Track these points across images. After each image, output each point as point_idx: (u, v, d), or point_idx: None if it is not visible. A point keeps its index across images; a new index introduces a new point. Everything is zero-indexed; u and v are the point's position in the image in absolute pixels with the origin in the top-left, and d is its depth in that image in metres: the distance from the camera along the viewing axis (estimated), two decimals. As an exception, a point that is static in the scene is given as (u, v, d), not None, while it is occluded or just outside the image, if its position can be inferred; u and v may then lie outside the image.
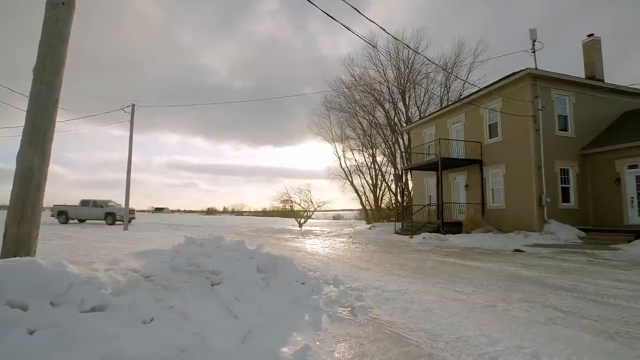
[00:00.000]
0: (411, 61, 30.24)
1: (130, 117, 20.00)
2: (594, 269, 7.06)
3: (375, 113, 33.56)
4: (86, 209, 24.25)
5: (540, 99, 14.40)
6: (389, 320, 3.60)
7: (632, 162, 13.44)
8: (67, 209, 24.37)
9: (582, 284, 5.49)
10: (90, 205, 24.30)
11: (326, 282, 5.00)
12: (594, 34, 17.16)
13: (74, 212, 24.32)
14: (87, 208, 24.26)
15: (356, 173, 36.01)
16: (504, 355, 2.70)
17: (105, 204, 24.54)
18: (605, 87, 15.84)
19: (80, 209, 24.32)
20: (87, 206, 24.34)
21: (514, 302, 4.35)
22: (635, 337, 3.14)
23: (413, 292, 4.84)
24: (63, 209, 24.32)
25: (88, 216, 24.39)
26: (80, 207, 24.35)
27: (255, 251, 4.82)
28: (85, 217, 24.50)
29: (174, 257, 4.24)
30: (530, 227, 13.92)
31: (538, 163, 14.14)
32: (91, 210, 24.18)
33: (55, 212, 24.48)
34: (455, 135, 18.99)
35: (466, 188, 17.98)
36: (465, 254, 9.74)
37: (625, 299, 4.53)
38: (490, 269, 7.07)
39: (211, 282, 3.87)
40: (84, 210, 24.26)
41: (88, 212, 24.21)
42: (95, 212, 24.13)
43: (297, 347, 2.76)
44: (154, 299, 3.06)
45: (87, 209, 24.24)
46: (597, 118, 15.49)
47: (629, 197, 13.52)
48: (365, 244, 13.02)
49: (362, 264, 7.84)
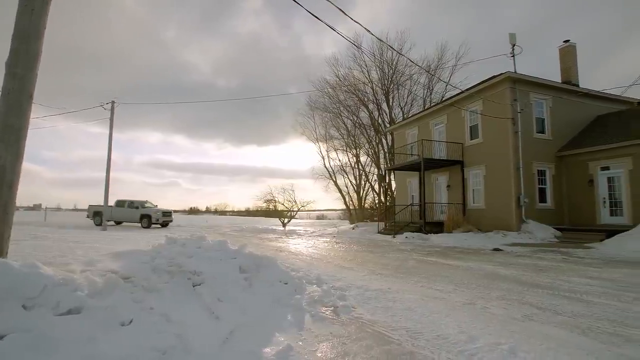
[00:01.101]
0: (395, 62, 30.61)
1: (110, 114, 19.50)
2: (568, 267, 7.30)
3: (359, 113, 33.79)
4: (121, 210, 22.54)
5: (519, 101, 14.79)
6: (371, 319, 3.63)
7: (604, 164, 13.97)
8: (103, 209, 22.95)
9: (558, 282, 5.67)
10: (125, 206, 22.56)
11: (309, 282, 5.00)
12: (569, 40, 17.75)
13: (109, 213, 21.91)
14: (122, 209, 22.56)
15: (340, 173, 36.19)
16: (482, 352, 2.76)
17: (142, 204, 22.62)
18: (580, 92, 16.41)
19: (115, 210, 22.53)
20: (122, 207, 22.65)
21: (493, 300, 4.46)
22: (606, 331, 3.27)
23: (395, 291, 4.89)
24: (99, 209, 22.35)
25: (122, 218, 22.64)
26: (115, 208, 22.54)
27: (237, 251, 4.78)
28: (120, 218, 22.75)
29: (154, 257, 4.16)
30: (509, 226, 14.29)
31: (517, 164, 14.52)
32: (126, 211, 22.43)
33: (91, 212, 23.18)
34: (437, 136, 19.30)
35: (448, 188, 18.31)
36: (446, 253, 9.92)
37: (597, 296, 4.71)
38: (470, 267, 7.22)
39: (193, 282, 3.82)
40: (119, 212, 22.56)
41: (123, 213, 22.51)
42: (130, 213, 22.31)
43: (280, 347, 2.76)
44: (133, 300, 2.99)
45: (122, 210, 22.53)
46: (573, 121, 16.04)
47: (601, 198, 14.05)
48: (349, 244, 13.08)
49: (345, 263, 7.87)
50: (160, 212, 21.86)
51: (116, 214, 22.52)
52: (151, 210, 22.05)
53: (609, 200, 13.85)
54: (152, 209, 22.15)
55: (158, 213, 21.72)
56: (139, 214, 21.85)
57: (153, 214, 21.56)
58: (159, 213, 21.77)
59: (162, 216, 21.87)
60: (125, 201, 22.79)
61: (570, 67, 17.46)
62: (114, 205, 22.54)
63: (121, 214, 22.48)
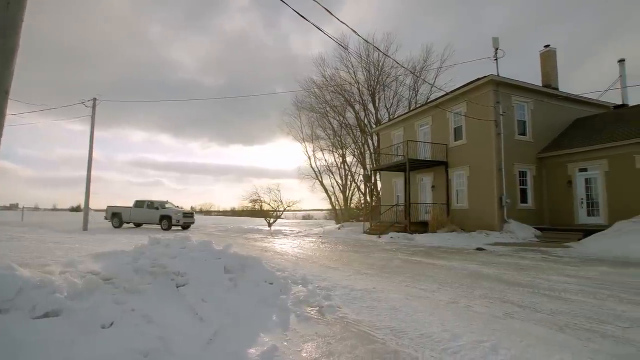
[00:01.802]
0: (381, 64, 30.88)
1: (91, 111, 19.04)
2: (548, 265, 7.50)
3: (345, 114, 33.96)
4: (140, 211, 21.08)
5: (501, 104, 15.11)
6: (356, 318, 3.65)
7: (582, 166, 14.41)
8: (122, 210, 21.41)
9: (537, 280, 5.82)
10: (144, 207, 21.08)
11: (295, 282, 4.99)
12: (550, 45, 18.23)
13: (128, 215, 21.20)
14: (140, 210, 21.08)
15: (326, 173, 36.29)
16: (465, 349, 2.81)
17: (162, 205, 21.19)
18: (559, 95, 16.88)
19: (134, 211, 21.19)
20: (141, 207, 21.16)
21: (475, 299, 4.54)
22: (582, 328, 3.37)
23: (380, 291, 4.93)
24: (117, 210, 21.45)
25: (141, 219, 21.21)
26: (134, 209, 21.22)
27: (222, 251, 4.74)
28: (139, 220, 21.35)
29: (137, 258, 4.09)
30: (491, 226, 14.58)
31: (499, 165, 14.83)
32: (145, 212, 20.96)
33: (109, 213, 21.66)
34: (422, 137, 19.54)
35: (432, 189, 18.56)
36: (430, 252, 10.05)
37: (574, 293, 4.85)
38: (453, 267, 7.34)
39: (176, 283, 3.76)
40: (138, 213, 21.12)
41: (142, 214, 21.06)
42: (149, 214, 20.87)
43: (264, 348, 2.74)
44: (114, 302, 2.93)
45: (141, 211, 21.05)
46: (552, 124, 16.48)
47: (579, 199, 14.48)
48: (334, 244, 13.12)
49: (331, 263, 7.89)
50: (180, 213, 20.44)
51: (135, 215, 21.18)
52: (171, 211, 20.61)
53: (586, 200, 14.29)
54: (172, 210, 20.77)
55: (178, 214, 20.26)
56: (158, 215, 20.45)
57: (173, 215, 20.13)
58: (179, 214, 20.31)
59: (182, 217, 20.41)
60: (144, 201, 21.32)
61: (550, 71, 17.92)
62: (133, 206, 21.36)
63: (140, 215, 21.12)
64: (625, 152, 12.96)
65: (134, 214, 21.13)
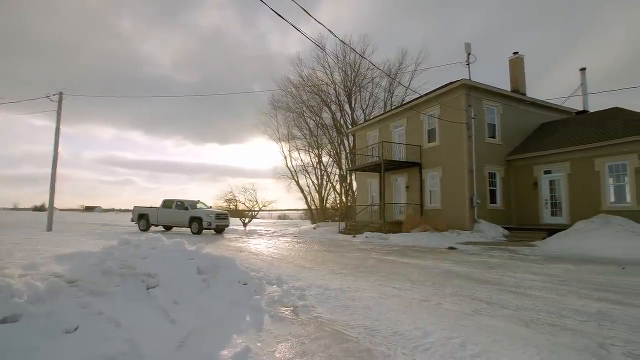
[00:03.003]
0: (357, 65, 31.17)
1: (57, 106, 18.15)
2: (514, 263, 7.81)
3: (322, 114, 34.04)
4: (168, 213, 18.67)
5: (473, 108, 15.60)
6: (330, 318, 3.67)
7: (547, 168, 15.10)
8: (148, 211, 19.19)
9: (505, 278, 6.05)
10: (173, 207, 18.68)
11: (269, 282, 4.96)
12: (518, 52, 18.99)
13: (155, 216, 18.90)
14: (169, 211, 18.67)
15: (302, 173, 36.22)
16: (435, 346, 2.89)
17: (192, 205, 18.82)
18: (526, 100, 17.61)
19: (162, 212, 18.82)
20: (169, 208, 18.76)
21: (446, 296, 4.67)
22: (545, 323, 3.54)
23: (354, 290, 4.98)
24: (144, 211, 19.27)
25: (170, 221, 18.76)
26: (161, 210, 18.88)
27: (195, 252, 4.65)
28: (167, 222, 18.90)
29: (104, 259, 3.94)
30: (463, 226, 15.02)
31: (470, 167, 15.30)
32: (173, 213, 18.54)
33: (135, 215, 19.52)
34: (397, 139, 19.86)
35: (406, 189, 18.91)
36: (404, 252, 10.24)
37: (538, 290, 5.08)
38: (426, 266, 7.51)
39: (147, 285, 3.65)
40: (166, 214, 18.70)
41: (170, 215, 18.62)
42: (178, 216, 18.39)
43: (237, 349, 2.71)
44: (79, 305, 2.81)
45: (169, 213, 18.64)
46: (520, 128, 17.18)
47: (544, 199, 15.17)
48: (310, 244, 13.13)
49: (306, 263, 7.89)
50: (213, 215, 17.75)
51: (163, 217, 18.77)
52: (202, 212, 18.07)
53: (551, 201, 14.99)
54: (203, 211, 18.23)
55: (210, 216, 17.67)
56: (188, 217, 17.99)
57: (204, 217, 17.56)
58: (211, 216, 17.68)
59: (215, 219, 17.68)
60: (172, 201, 18.94)
61: (518, 77, 18.67)
62: (160, 207, 19.07)
63: (168, 217, 18.69)
64: (586, 156, 13.69)
65: (162, 216, 18.78)
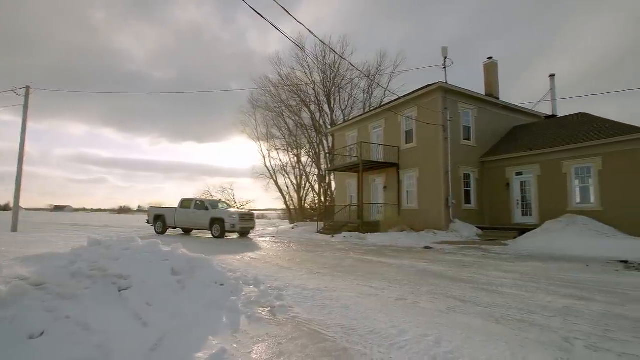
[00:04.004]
0: (337, 66, 31.30)
1: (23, 100, 17.32)
2: (487, 262, 8.05)
3: (301, 114, 33.95)
4: (186, 213, 16.69)
5: (449, 110, 15.98)
6: (307, 318, 3.67)
7: (518, 170, 15.66)
8: (165, 212, 17.27)
9: (478, 276, 6.23)
10: (192, 207, 16.71)
11: (246, 283, 4.91)
12: (492, 57, 19.58)
13: (172, 217, 16.96)
14: (187, 212, 16.69)
15: (281, 173, 36.01)
16: (410, 344, 2.94)
17: (213, 205, 16.92)
18: (500, 104, 18.21)
19: (179, 212, 16.86)
20: (187, 208, 16.79)
21: (422, 295, 4.76)
22: (515, 319, 3.67)
23: (332, 290, 5.00)
24: (160, 212, 17.42)
25: (189, 222, 16.69)
26: (179, 211, 16.90)
27: (170, 252, 4.54)
28: (186, 223, 16.82)
29: (73, 261, 3.79)
30: (439, 226, 15.35)
31: (446, 168, 15.66)
32: (192, 214, 16.55)
33: (151, 216, 17.53)
34: (375, 139, 20.09)
35: (384, 189, 19.15)
36: (381, 251, 10.37)
37: (509, 287, 5.27)
38: (403, 265, 7.63)
39: (118, 287, 3.54)
40: (185, 215, 16.72)
41: (189, 217, 16.62)
42: (197, 217, 16.36)
43: (213, 351, 2.67)
44: (45, 309, 2.70)
45: (188, 213, 16.66)
46: (494, 130, 17.74)
47: (516, 200, 15.72)
48: (288, 244, 13.08)
49: (284, 263, 7.86)
50: (236, 216, 15.59)
51: (181, 218, 16.80)
52: (224, 212, 15.97)
53: (522, 202, 15.55)
54: (225, 211, 16.16)
55: (234, 217, 15.45)
56: (208, 218, 15.91)
57: (227, 218, 15.40)
58: (234, 217, 15.46)
59: (239, 221, 15.54)
60: (191, 200, 17.09)
61: (492, 81, 19.25)
62: (178, 207, 17.14)
63: (187, 218, 16.69)
64: (554, 159, 14.28)
65: (180, 217, 16.82)
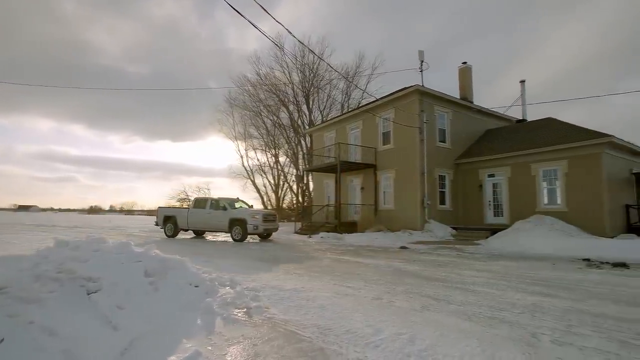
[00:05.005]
0: (316, 66, 31.42)
1: (-17, 94, 16.35)
2: (460, 261, 8.28)
3: (279, 114, 33.86)
4: (201, 214, 15.00)
5: (425, 113, 16.31)
6: (284, 318, 3.65)
7: (491, 172, 16.18)
8: (176, 213, 15.82)
9: (452, 275, 6.39)
10: (207, 207, 15.01)
11: (222, 284, 4.84)
12: (467, 62, 20.15)
13: (185, 218, 15.32)
14: (202, 212, 15.01)
15: (258, 173, 35.81)
16: (386, 342, 2.98)
17: (231, 204, 15.03)
18: (474, 108, 18.74)
19: (193, 213, 15.23)
20: (202, 208, 15.14)
21: (398, 294, 4.83)
22: (486, 316, 3.78)
23: (309, 290, 5.00)
24: (171, 213, 15.91)
25: (204, 224, 15.12)
26: (192, 211, 15.30)
27: (143, 253, 4.41)
28: (200, 225, 15.26)
29: (38, 263, 3.62)
30: (414, 226, 15.64)
31: (422, 169, 15.98)
32: (208, 215, 14.83)
33: (160, 217, 15.83)
34: (353, 140, 20.25)
35: (361, 190, 19.33)
36: (358, 251, 10.46)
37: (481, 285, 5.43)
38: (379, 265, 7.73)
39: (87, 290, 3.41)
40: (199, 216, 15.05)
41: (204, 218, 14.92)
42: (213, 218, 14.61)
43: (186, 354, 2.62)
44: (6, 315, 2.56)
45: (203, 214, 14.96)
46: (468, 133, 18.25)
47: (488, 201, 16.23)
48: (265, 244, 12.98)
49: (260, 264, 7.80)
50: (260, 216, 13.98)
51: (195, 220, 15.18)
52: (246, 212, 14.34)
53: (493, 203, 16.07)
54: (246, 211, 14.62)
55: (257, 217, 13.78)
56: (227, 219, 14.18)
57: (249, 219, 13.67)
58: (258, 217, 13.83)
59: (262, 222, 13.90)
60: (206, 199, 15.57)
61: (467, 85, 19.81)
62: (191, 207, 15.75)
63: (201, 219, 15.04)
64: (524, 161, 14.85)
65: (194, 218, 15.19)
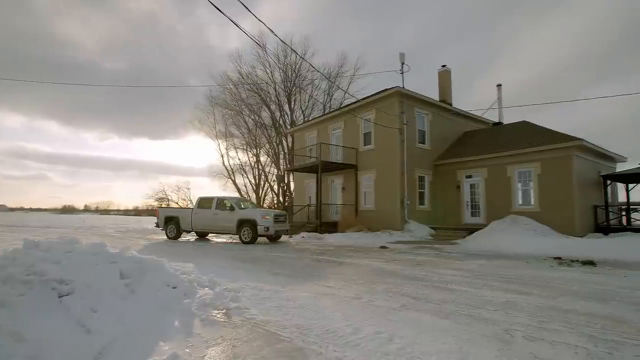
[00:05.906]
0: (298, 67, 31.38)
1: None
2: (439, 260, 8.44)
3: (261, 113, 33.61)
4: (206, 214, 14.03)
5: (405, 114, 16.55)
6: (263, 319, 3.63)
7: (468, 173, 16.58)
8: (178, 214, 14.86)
9: (430, 274, 6.50)
10: (213, 207, 14.01)
11: (201, 285, 4.76)
12: (446, 65, 20.56)
13: (188, 219, 14.38)
14: (207, 212, 14.03)
15: (239, 172, 35.45)
16: (365, 341, 3.01)
17: (238, 204, 14.14)
18: (452, 110, 19.16)
19: (197, 213, 14.26)
20: (207, 208, 14.12)
21: (377, 293, 4.89)
22: (463, 314, 3.88)
23: (289, 290, 4.99)
24: (172, 214, 15.05)
25: (209, 226, 14.15)
26: (197, 211, 14.31)
27: (118, 255, 4.29)
28: (205, 227, 14.29)
29: (5, 265, 3.46)
30: (394, 226, 15.84)
31: (402, 170, 16.21)
32: (213, 215, 13.87)
33: (161, 218, 14.98)
34: (335, 141, 20.32)
35: (343, 190, 19.43)
36: (339, 251, 10.51)
37: (458, 284, 5.56)
38: (359, 264, 7.79)
39: (59, 293, 3.28)
40: (203, 216, 14.08)
41: (209, 218, 13.95)
42: (220, 219, 13.69)
43: (164, 357, 2.57)
44: (-29, 319, 2.45)
45: (208, 214, 13.99)
46: (446, 135, 18.64)
47: (465, 201, 16.63)
48: (245, 244, 12.86)
49: (240, 264, 7.72)
50: (271, 216, 13.06)
51: (199, 220, 14.22)
52: (255, 212, 13.48)
53: (471, 203, 16.48)
54: (256, 211, 13.81)
55: (267, 218, 12.94)
56: (235, 220, 13.30)
57: (260, 220, 12.85)
58: (269, 218, 12.95)
59: (273, 222, 12.96)
60: (211, 199, 14.35)
61: (446, 88, 20.22)
62: (195, 207, 14.65)
63: (207, 220, 14.08)
64: (500, 163, 15.29)
65: (198, 219, 14.25)
